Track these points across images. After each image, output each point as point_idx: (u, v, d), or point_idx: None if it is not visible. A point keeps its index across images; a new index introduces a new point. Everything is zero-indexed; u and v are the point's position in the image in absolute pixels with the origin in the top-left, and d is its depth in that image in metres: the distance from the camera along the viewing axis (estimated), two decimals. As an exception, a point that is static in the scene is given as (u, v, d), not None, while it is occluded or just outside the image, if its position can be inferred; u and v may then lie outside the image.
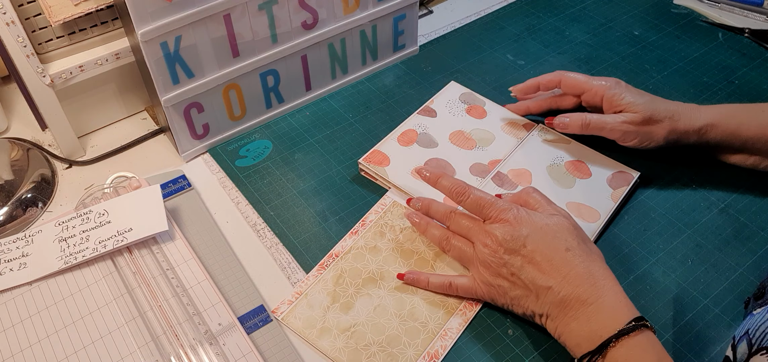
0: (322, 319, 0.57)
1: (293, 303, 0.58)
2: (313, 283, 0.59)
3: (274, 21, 0.70)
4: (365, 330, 0.56)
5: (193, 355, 0.54)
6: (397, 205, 0.66)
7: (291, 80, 0.77)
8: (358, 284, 0.59)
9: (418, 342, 0.55)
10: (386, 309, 0.57)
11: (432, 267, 0.60)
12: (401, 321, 0.56)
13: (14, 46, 0.65)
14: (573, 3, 0.96)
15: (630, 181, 0.67)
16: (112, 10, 0.70)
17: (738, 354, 0.46)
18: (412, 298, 0.58)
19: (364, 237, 0.63)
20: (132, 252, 0.62)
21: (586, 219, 0.64)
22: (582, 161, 0.70)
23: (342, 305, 0.58)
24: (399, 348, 0.54)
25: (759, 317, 0.45)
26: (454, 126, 0.74)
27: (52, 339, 0.56)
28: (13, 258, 0.62)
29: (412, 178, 0.68)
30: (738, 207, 0.65)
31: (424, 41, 0.90)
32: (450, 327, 0.56)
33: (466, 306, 0.57)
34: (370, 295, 0.58)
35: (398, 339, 0.55)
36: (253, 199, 0.69)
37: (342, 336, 0.55)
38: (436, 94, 0.79)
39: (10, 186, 0.69)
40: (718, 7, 0.93)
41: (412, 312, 0.57)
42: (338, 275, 0.60)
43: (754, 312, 0.47)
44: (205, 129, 0.73)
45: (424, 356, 0.54)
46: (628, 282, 0.59)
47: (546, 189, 0.66)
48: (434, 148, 0.72)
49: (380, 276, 0.60)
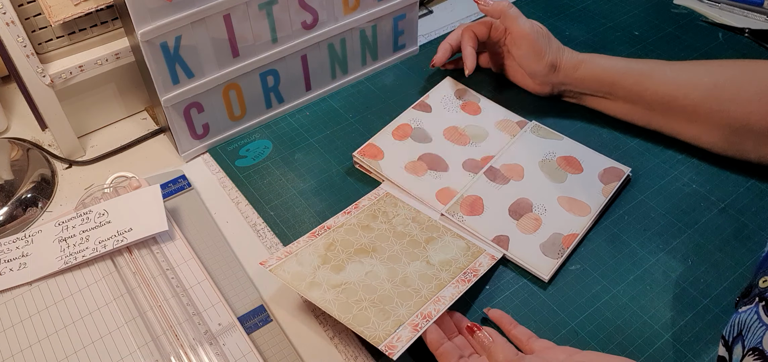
0: (312, 275, 0.56)
1: (282, 259, 0.58)
2: (303, 246, 0.59)
3: (274, 21, 0.70)
4: (356, 289, 0.55)
5: (193, 355, 0.54)
6: (390, 196, 0.66)
7: (291, 80, 0.77)
8: (350, 252, 0.59)
9: (410, 304, 0.54)
10: (378, 275, 0.57)
11: (424, 249, 0.60)
12: (394, 286, 0.56)
13: (14, 46, 0.65)
14: (573, 3, 0.96)
15: (621, 176, 0.67)
16: (112, 10, 0.70)
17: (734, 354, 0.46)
18: (406, 269, 0.58)
19: (357, 217, 0.63)
20: (132, 252, 0.62)
21: (577, 214, 0.64)
22: (574, 156, 0.70)
23: (333, 266, 0.57)
24: (391, 306, 0.54)
25: (745, 315, 0.46)
26: (449, 121, 0.75)
27: (52, 339, 0.56)
28: (13, 258, 0.62)
29: (406, 172, 0.68)
30: (738, 207, 0.65)
31: (424, 41, 0.90)
32: (443, 295, 0.56)
33: (459, 281, 0.57)
34: (361, 262, 0.58)
35: (390, 299, 0.55)
36: (253, 199, 0.69)
37: (332, 290, 0.55)
38: (431, 90, 0.79)
39: (10, 186, 0.69)
40: (718, 7, 0.93)
41: (404, 280, 0.57)
42: (330, 243, 0.60)
43: (739, 309, 0.47)
44: (205, 129, 0.73)
45: (417, 315, 0.53)
46: (628, 282, 0.59)
47: (538, 183, 0.67)
48: (428, 142, 0.72)
49: (372, 248, 0.60)
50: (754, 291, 0.47)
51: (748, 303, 0.46)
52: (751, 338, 0.44)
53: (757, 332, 0.44)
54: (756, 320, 0.44)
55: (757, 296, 0.46)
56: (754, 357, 0.43)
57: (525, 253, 0.61)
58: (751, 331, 0.44)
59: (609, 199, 0.65)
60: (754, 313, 0.45)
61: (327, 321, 0.58)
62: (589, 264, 0.61)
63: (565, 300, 0.58)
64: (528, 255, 0.61)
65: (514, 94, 0.80)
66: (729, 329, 0.47)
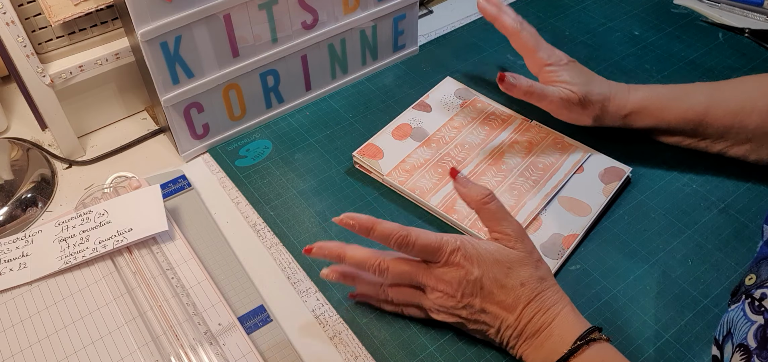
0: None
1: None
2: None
3: (274, 21, 0.70)
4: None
5: (193, 355, 0.54)
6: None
7: (291, 80, 0.77)
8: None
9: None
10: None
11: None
12: None
13: (14, 46, 0.65)
14: (573, 3, 0.96)
15: (622, 176, 0.67)
16: (112, 10, 0.70)
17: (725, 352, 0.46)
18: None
19: None
20: (132, 252, 0.62)
21: (577, 214, 0.64)
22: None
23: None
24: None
25: (733, 313, 0.46)
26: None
27: (52, 339, 0.56)
28: (13, 258, 0.62)
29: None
30: (738, 207, 0.65)
31: (424, 41, 0.90)
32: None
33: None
34: None
35: None
36: (253, 199, 0.69)
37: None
38: (431, 89, 0.79)
39: (10, 186, 0.69)
40: (718, 7, 0.93)
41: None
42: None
43: (729, 307, 0.47)
44: (205, 129, 0.73)
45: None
46: (628, 282, 0.59)
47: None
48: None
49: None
50: (741, 290, 0.47)
51: (736, 301, 0.47)
52: (738, 335, 0.44)
53: (742, 329, 0.44)
54: (742, 317, 0.44)
55: (744, 293, 0.46)
56: (740, 354, 0.43)
57: None
58: (737, 328, 0.45)
59: (609, 199, 0.65)
60: (741, 311, 0.45)
61: (327, 321, 0.58)
62: (589, 264, 0.61)
63: (565, 300, 0.58)
64: None
65: (514, 94, 0.80)
66: (719, 329, 0.48)
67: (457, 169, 0.62)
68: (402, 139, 0.72)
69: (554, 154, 0.70)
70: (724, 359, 0.46)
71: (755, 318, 0.43)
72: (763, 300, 0.43)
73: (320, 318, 0.58)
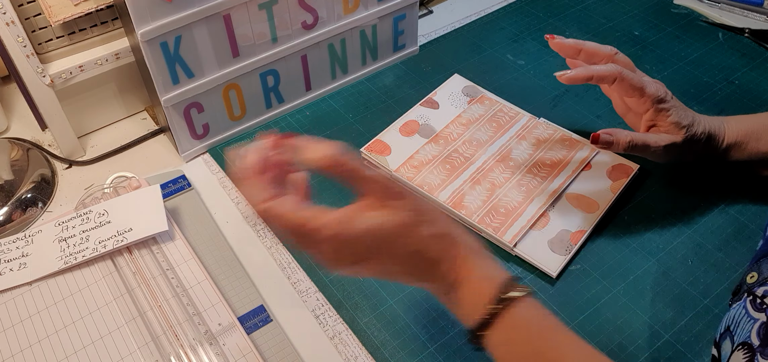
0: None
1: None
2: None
3: (274, 21, 0.70)
4: None
5: (193, 355, 0.54)
6: None
7: (291, 80, 0.77)
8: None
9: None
10: None
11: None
12: None
13: (14, 46, 0.65)
14: (573, 3, 0.96)
15: (629, 173, 0.67)
16: (112, 10, 0.70)
17: (722, 351, 0.46)
18: None
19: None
20: (132, 252, 0.62)
21: (585, 210, 0.64)
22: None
23: None
24: None
25: (734, 311, 0.46)
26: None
27: (52, 339, 0.56)
28: (13, 258, 0.62)
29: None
30: (738, 207, 0.65)
31: (424, 41, 0.90)
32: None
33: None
34: None
35: None
36: (253, 199, 0.69)
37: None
38: (439, 86, 0.79)
39: (10, 186, 0.69)
40: (718, 7, 0.93)
41: None
42: None
43: (730, 306, 0.47)
44: (205, 129, 0.73)
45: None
46: (629, 282, 0.59)
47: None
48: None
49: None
50: (743, 288, 0.48)
51: (737, 300, 0.47)
52: (740, 333, 0.44)
53: (745, 327, 0.44)
54: (744, 314, 0.44)
55: (746, 292, 0.46)
56: (743, 352, 0.43)
57: (533, 250, 0.61)
58: (739, 326, 0.45)
59: (617, 196, 0.65)
60: (743, 308, 0.45)
61: (327, 321, 0.58)
62: (590, 264, 0.61)
63: (565, 300, 0.58)
64: (536, 252, 0.61)
65: (522, 90, 0.80)
66: (719, 328, 0.48)
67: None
68: (409, 136, 0.73)
69: (562, 151, 0.70)
70: (722, 357, 0.46)
71: (758, 315, 0.43)
72: (765, 298, 0.43)
73: (320, 318, 0.58)
